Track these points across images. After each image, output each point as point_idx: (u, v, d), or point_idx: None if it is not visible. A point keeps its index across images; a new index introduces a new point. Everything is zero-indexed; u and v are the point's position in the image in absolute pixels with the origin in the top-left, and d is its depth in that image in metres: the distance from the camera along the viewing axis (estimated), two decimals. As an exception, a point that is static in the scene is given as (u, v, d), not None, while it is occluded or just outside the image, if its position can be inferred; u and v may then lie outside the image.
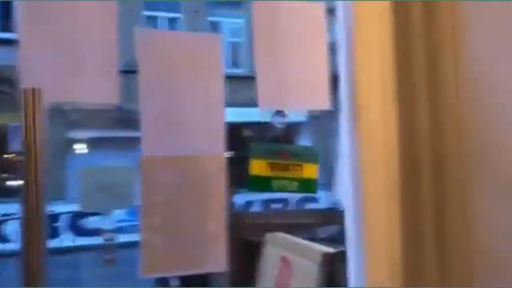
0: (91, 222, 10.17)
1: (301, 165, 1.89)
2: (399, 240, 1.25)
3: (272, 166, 1.85)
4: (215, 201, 1.44)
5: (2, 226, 8.49)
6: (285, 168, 1.87)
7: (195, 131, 1.47)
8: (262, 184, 1.83)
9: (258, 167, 1.83)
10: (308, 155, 1.90)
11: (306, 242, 2.44)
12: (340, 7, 1.37)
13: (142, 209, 1.39)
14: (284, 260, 2.43)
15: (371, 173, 1.33)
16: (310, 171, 1.90)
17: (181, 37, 1.48)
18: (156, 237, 1.38)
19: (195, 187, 1.44)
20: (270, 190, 1.89)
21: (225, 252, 1.44)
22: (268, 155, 1.83)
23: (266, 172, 1.80)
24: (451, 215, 1.30)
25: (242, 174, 1.57)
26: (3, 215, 7.90)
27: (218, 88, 1.49)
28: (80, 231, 10.10)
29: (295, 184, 1.93)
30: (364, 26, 1.29)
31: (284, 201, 10.74)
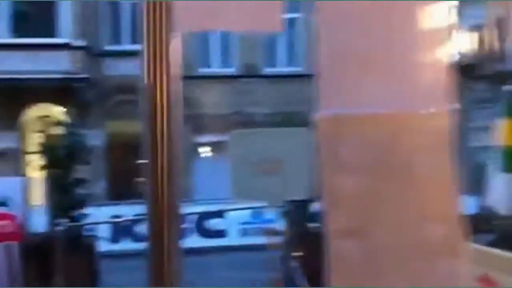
0: (216, 223, 10.14)
1: None
2: None
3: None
4: (439, 191, 0.86)
5: (138, 226, 8.76)
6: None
7: (401, 74, 0.93)
8: None
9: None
10: None
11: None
12: None
13: (325, 198, 0.87)
14: (484, 280, 1.79)
15: None
16: None
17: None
18: (346, 243, 0.85)
19: (404, 166, 0.88)
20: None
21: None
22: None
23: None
24: None
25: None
26: (136, 215, 8.15)
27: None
28: (206, 233, 10.10)
29: None
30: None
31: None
